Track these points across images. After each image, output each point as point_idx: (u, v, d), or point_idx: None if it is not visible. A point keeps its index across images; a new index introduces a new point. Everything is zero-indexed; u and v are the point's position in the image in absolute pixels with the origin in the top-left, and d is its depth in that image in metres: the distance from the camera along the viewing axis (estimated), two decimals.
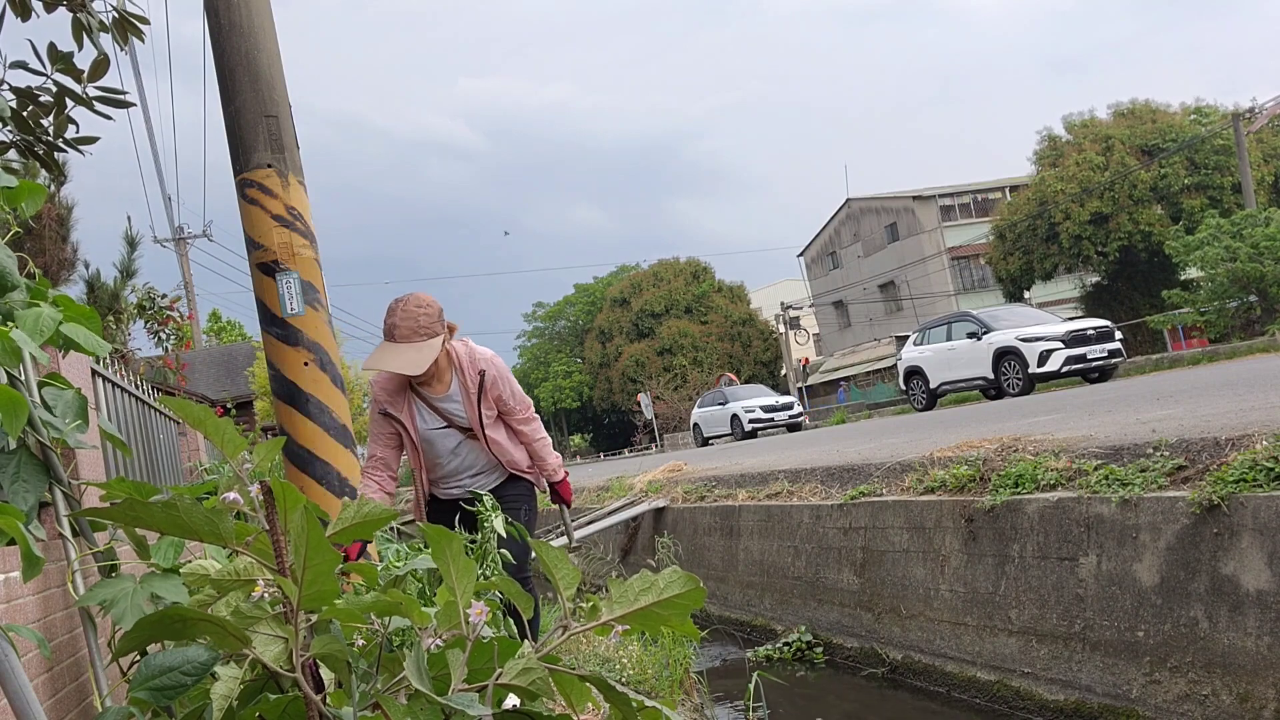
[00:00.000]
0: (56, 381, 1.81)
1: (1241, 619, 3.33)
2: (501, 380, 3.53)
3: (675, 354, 45.30)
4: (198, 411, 1.53)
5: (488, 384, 3.49)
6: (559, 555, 1.54)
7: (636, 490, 9.74)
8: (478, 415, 3.49)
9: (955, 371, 15.98)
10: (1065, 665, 4.04)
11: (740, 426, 22.87)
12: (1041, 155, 31.48)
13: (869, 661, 5.34)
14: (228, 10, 3.91)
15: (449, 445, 3.52)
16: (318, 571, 1.34)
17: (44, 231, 8.38)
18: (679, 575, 1.50)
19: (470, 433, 3.52)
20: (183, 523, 1.40)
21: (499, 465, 3.60)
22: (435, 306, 3.37)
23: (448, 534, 1.47)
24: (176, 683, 1.39)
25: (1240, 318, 21.25)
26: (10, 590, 1.67)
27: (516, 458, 3.62)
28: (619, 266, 56.87)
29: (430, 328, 3.30)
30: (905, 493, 5.41)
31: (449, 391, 3.49)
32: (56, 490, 1.76)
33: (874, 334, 42.70)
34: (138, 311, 10.89)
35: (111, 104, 3.13)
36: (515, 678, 1.46)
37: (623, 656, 4.61)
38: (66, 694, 1.84)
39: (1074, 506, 4.12)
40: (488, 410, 3.52)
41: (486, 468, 3.60)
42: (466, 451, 3.55)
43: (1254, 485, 3.41)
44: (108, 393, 3.07)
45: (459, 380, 3.49)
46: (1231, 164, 27.31)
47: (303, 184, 3.98)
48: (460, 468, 3.57)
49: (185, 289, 26.03)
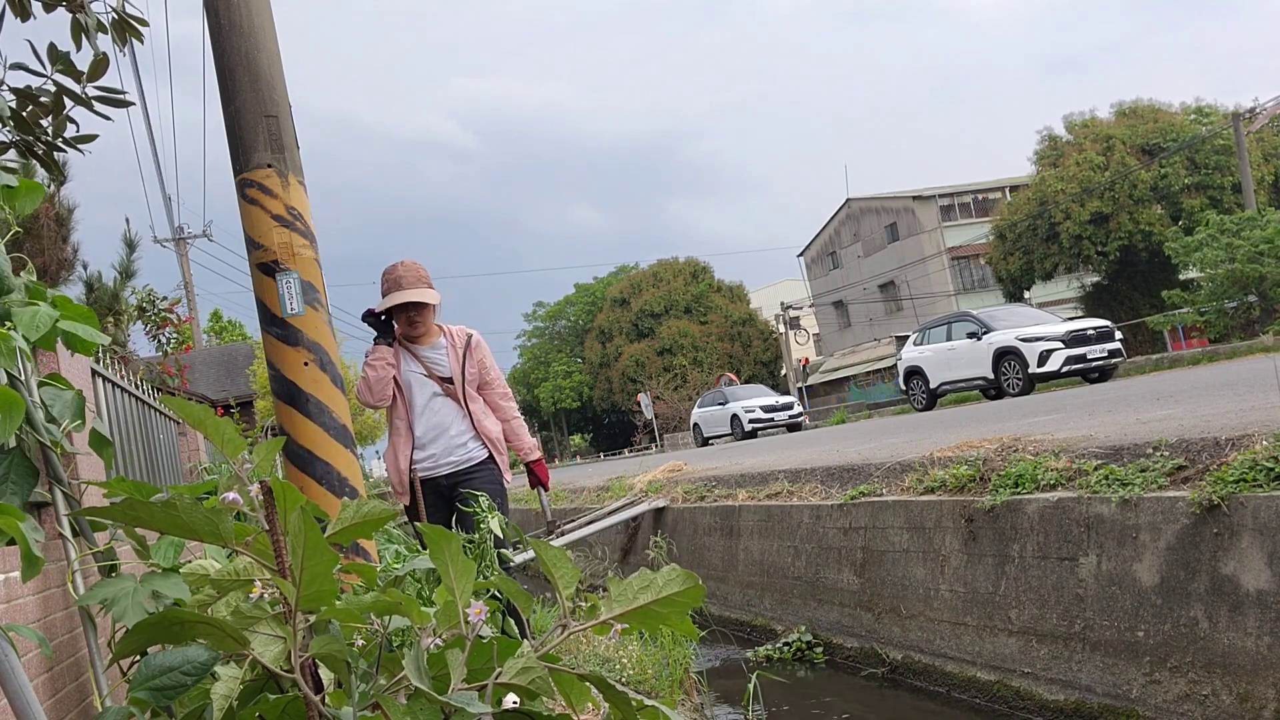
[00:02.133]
0: (56, 382, 1.81)
1: (1241, 619, 3.33)
2: (484, 350, 4.02)
3: (675, 354, 45.29)
4: (198, 411, 1.54)
5: (473, 346, 3.96)
6: (559, 555, 1.54)
7: (636, 490, 9.73)
8: (461, 368, 3.92)
9: (955, 371, 15.97)
10: (1065, 665, 4.04)
11: (740, 426, 22.87)
12: (1042, 155, 31.46)
13: (869, 661, 5.34)
14: (228, 10, 3.91)
15: (427, 392, 3.88)
16: (315, 572, 1.34)
17: (44, 232, 8.38)
18: (678, 573, 1.50)
19: (447, 384, 3.89)
20: (182, 522, 1.40)
21: (475, 433, 3.91)
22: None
23: (446, 534, 1.47)
24: (176, 683, 1.39)
25: (1240, 318, 21.25)
26: (10, 590, 1.67)
27: (489, 426, 3.96)
28: (619, 266, 56.89)
29: (429, 281, 3.87)
30: (905, 493, 5.41)
31: (435, 345, 3.94)
32: (56, 490, 1.76)
33: (874, 334, 42.69)
34: (137, 314, 10.88)
35: (111, 104, 3.13)
36: (515, 677, 1.46)
37: (622, 656, 4.61)
38: (66, 694, 1.84)
39: (1074, 506, 4.12)
40: (470, 370, 3.92)
41: (463, 432, 3.88)
42: (442, 405, 3.89)
43: (1254, 485, 3.41)
44: (108, 393, 3.07)
45: (447, 341, 3.96)
46: (1232, 164, 27.30)
47: (303, 184, 3.98)
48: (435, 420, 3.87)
49: (185, 289, 26.03)
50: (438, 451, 3.85)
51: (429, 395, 3.87)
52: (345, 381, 4.02)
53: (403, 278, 3.84)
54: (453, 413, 3.88)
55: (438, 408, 3.87)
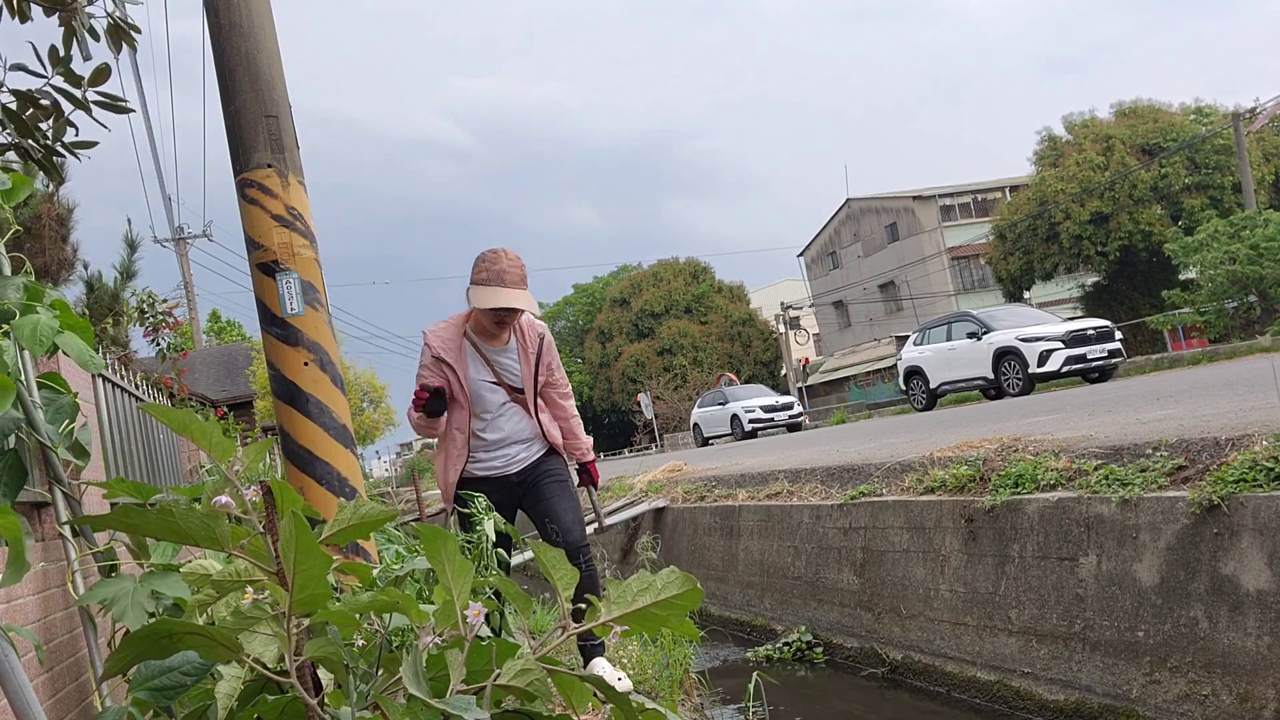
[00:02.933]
0: (55, 383, 1.81)
1: (1241, 619, 3.33)
2: (553, 350, 3.64)
3: (675, 354, 45.28)
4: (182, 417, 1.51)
5: (545, 347, 3.58)
6: (557, 556, 1.53)
7: (636, 490, 9.74)
8: (533, 374, 3.54)
9: (955, 371, 15.97)
10: (1065, 665, 4.04)
11: (740, 426, 22.86)
12: (1042, 155, 31.45)
13: (869, 661, 5.34)
14: (228, 10, 3.91)
15: (496, 402, 3.51)
16: (308, 576, 1.33)
17: (44, 232, 8.38)
18: (676, 575, 1.50)
19: (517, 394, 3.54)
20: (178, 528, 1.38)
21: (540, 435, 3.61)
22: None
23: (442, 533, 1.46)
24: (176, 683, 1.39)
25: (1240, 318, 21.24)
26: (10, 590, 1.67)
27: (554, 431, 3.66)
28: (620, 266, 56.87)
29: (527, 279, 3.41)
30: (905, 493, 5.41)
31: (507, 347, 3.53)
32: (56, 491, 1.76)
33: (874, 334, 42.67)
34: (137, 316, 10.87)
35: (110, 109, 3.12)
36: (514, 678, 1.45)
37: (623, 657, 4.61)
38: (66, 694, 1.84)
39: (1074, 506, 4.12)
40: (540, 375, 3.59)
41: (530, 436, 3.59)
42: (511, 413, 3.55)
43: (1254, 485, 3.41)
44: (108, 393, 3.07)
45: (518, 340, 3.53)
46: (1232, 164, 27.29)
47: (303, 184, 3.98)
48: (505, 431, 3.54)
49: (185, 289, 26.03)
50: (499, 463, 3.53)
51: (498, 405, 3.51)
52: (345, 381, 4.02)
53: (506, 273, 3.34)
54: (520, 422, 3.55)
55: (507, 414, 3.53)
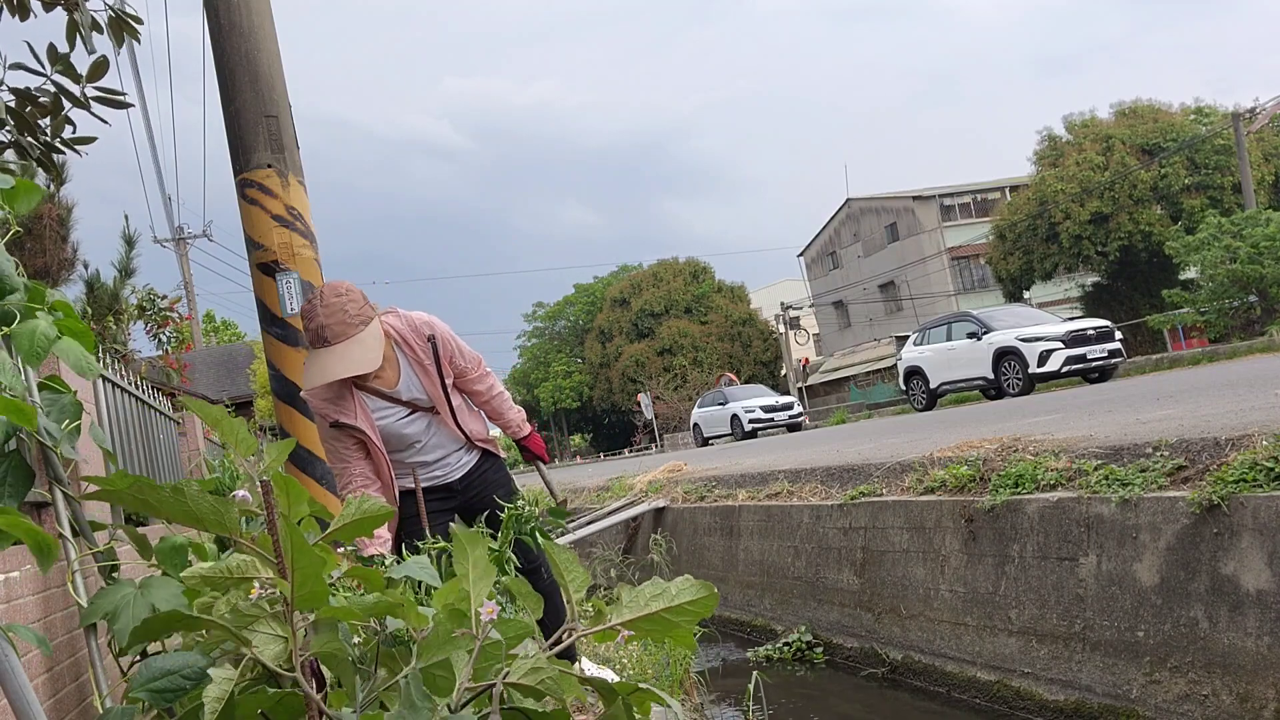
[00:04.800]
0: (56, 384, 1.81)
1: (1241, 619, 3.33)
2: (450, 339, 3.13)
3: (675, 354, 45.27)
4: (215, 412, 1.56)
5: (440, 348, 3.07)
6: (570, 557, 1.54)
7: (636, 490, 9.74)
8: (442, 389, 3.08)
9: (955, 371, 15.97)
10: (1065, 665, 4.04)
11: (740, 426, 22.86)
12: (1041, 155, 31.46)
13: (869, 661, 5.34)
14: (228, 11, 3.91)
15: (418, 429, 3.10)
16: (306, 574, 1.34)
17: (44, 232, 8.39)
18: (692, 582, 1.50)
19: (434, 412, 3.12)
20: (189, 510, 1.40)
21: (467, 440, 3.21)
22: (356, 290, 2.90)
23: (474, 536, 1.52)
24: (175, 685, 1.39)
25: (1240, 318, 21.25)
26: (10, 590, 1.67)
27: (477, 428, 3.26)
28: (620, 266, 56.87)
29: (361, 314, 2.82)
30: (905, 493, 5.41)
31: (400, 377, 3.04)
32: (56, 490, 1.76)
33: (874, 334, 42.67)
34: (138, 313, 10.90)
35: (110, 105, 3.12)
36: (524, 677, 1.46)
37: (622, 656, 4.61)
38: (66, 694, 1.84)
39: (1074, 506, 4.12)
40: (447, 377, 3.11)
41: (458, 444, 3.21)
42: (438, 430, 3.15)
43: (1254, 485, 3.40)
44: (108, 393, 3.06)
45: (408, 358, 3.04)
46: (1232, 164, 27.29)
47: (303, 184, 3.98)
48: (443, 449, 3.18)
49: (185, 289, 26.03)
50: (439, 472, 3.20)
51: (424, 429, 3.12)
52: None
53: (325, 328, 2.75)
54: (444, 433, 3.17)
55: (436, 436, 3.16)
